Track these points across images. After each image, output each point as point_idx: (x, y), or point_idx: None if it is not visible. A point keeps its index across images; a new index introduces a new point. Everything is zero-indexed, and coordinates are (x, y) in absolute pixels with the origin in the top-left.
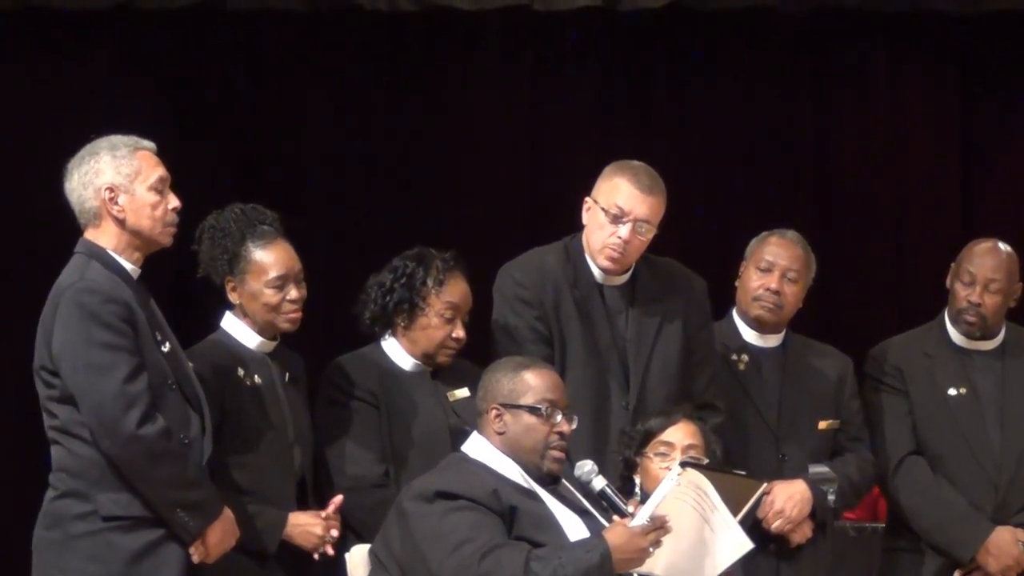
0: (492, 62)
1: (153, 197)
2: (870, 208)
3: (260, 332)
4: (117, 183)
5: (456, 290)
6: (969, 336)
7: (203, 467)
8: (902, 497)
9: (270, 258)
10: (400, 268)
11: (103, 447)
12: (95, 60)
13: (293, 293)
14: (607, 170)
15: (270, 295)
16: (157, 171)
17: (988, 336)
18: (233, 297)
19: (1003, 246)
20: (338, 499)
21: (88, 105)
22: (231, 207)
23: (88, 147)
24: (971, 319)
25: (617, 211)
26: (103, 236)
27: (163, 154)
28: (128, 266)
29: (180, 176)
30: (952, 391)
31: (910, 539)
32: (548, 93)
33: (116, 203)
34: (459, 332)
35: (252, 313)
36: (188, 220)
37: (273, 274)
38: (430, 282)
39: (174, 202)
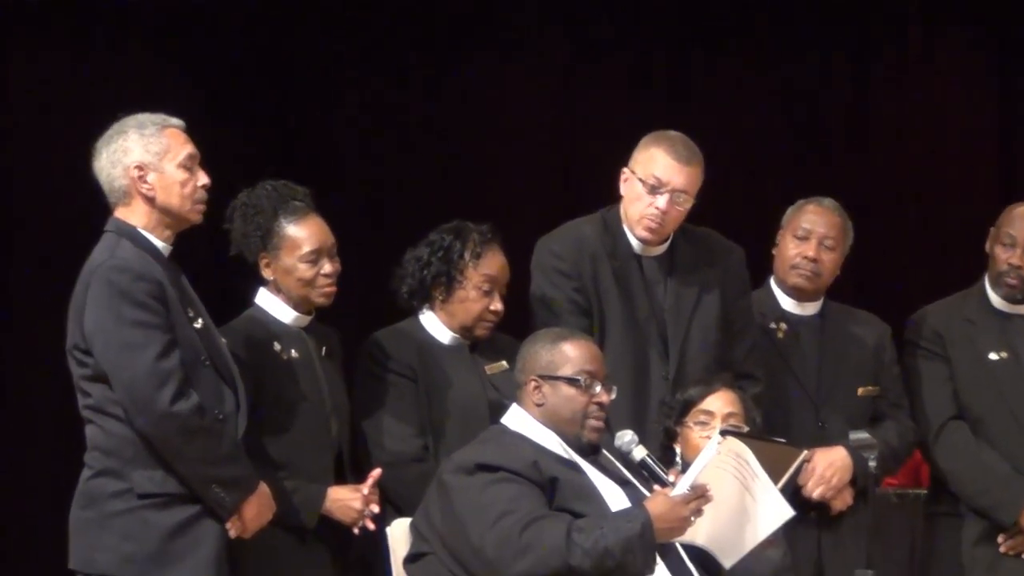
0: (527, 32)
1: (182, 175)
2: (907, 176)
3: (295, 307)
4: (146, 161)
5: (493, 263)
6: (1010, 300)
7: (238, 443)
8: (944, 462)
9: (303, 233)
10: (437, 242)
11: (137, 425)
12: (123, 39)
13: (327, 267)
14: (644, 140)
15: (304, 269)
16: (186, 148)
17: None
18: (267, 273)
19: None
20: (376, 472)
21: (117, 84)
22: (262, 184)
23: (116, 126)
24: (1012, 282)
25: (655, 181)
26: (133, 214)
27: (192, 131)
28: (159, 244)
29: (210, 153)
30: (993, 355)
31: (952, 504)
32: (583, 64)
33: (145, 181)
34: (497, 305)
35: (287, 288)
36: (220, 197)
37: (307, 248)
38: (467, 255)
39: (203, 179)
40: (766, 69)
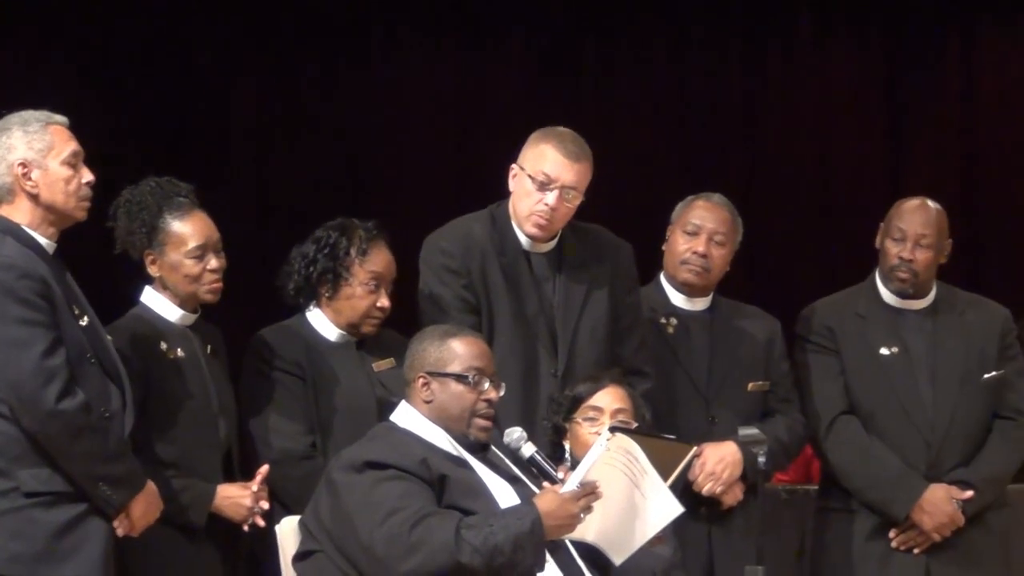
0: (421, 23)
1: (66, 172)
2: (797, 170)
3: (181, 305)
4: (30, 158)
5: (380, 259)
6: (901, 294)
7: (124, 440)
8: (835, 457)
9: (188, 228)
10: (323, 238)
11: (23, 423)
12: (7, 34)
13: (213, 263)
14: (533, 136)
15: (190, 265)
16: (70, 145)
17: (919, 295)
18: (153, 270)
19: (932, 203)
20: (264, 469)
21: (1, 80)
22: (146, 180)
23: None
24: (903, 275)
25: (544, 178)
26: (17, 212)
27: (77, 128)
28: (43, 241)
29: (95, 150)
30: (884, 350)
31: (843, 499)
32: (476, 59)
33: (29, 178)
34: (384, 301)
35: (173, 285)
36: (105, 195)
37: (192, 244)
38: (353, 251)
39: (88, 176)
40: (657, 62)
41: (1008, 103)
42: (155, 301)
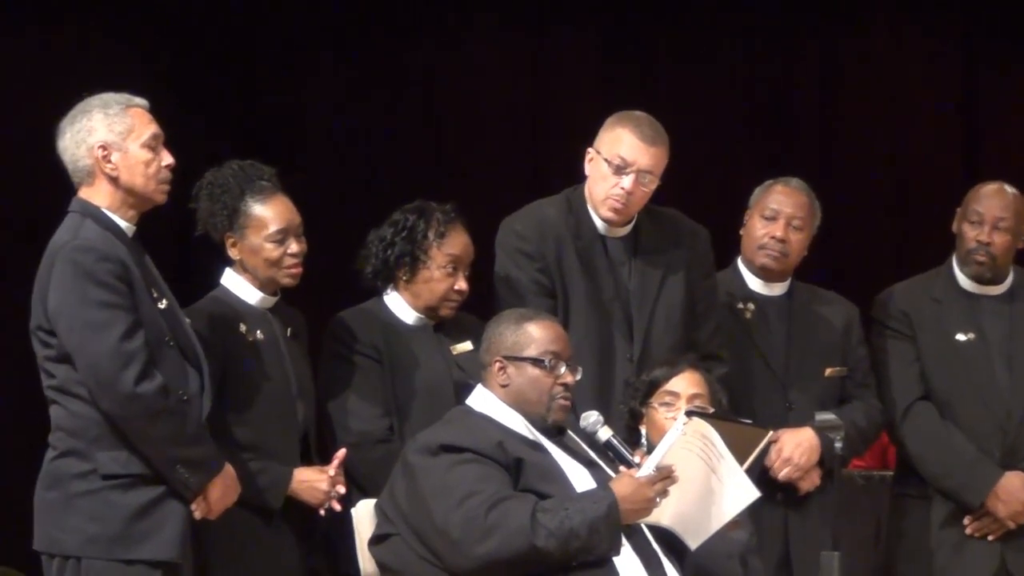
0: (494, 13)
1: (146, 155)
2: (873, 156)
3: (261, 288)
4: (110, 141)
5: (457, 242)
6: (978, 279)
7: (202, 423)
8: (910, 443)
9: (269, 212)
10: (401, 221)
11: (101, 405)
12: (86, 20)
13: (293, 247)
14: (610, 120)
15: (270, 249)
16: (150, 128)
17: (997, 280)
18: (233, 253)
19: (1009, 187)
20: (341, 453)
21: (80, 65)
22: (228, 163)
23: (80, 105)
24: (981, 259)
25: (620, 162)
26: (97, 194)
27: (156, 112)
28: (123, 224)
29: (174, 134)
30: (960, 336)
31: (919, 486)
32: (550, 44)
33: (109, 161)
34: (461, 284)
35: (253, 268)
36: (184, 178)
37: (273, 228)
38: (431, 235)
39: (168, 159)
40: (732, 49)
41: None
42: (235, 284)
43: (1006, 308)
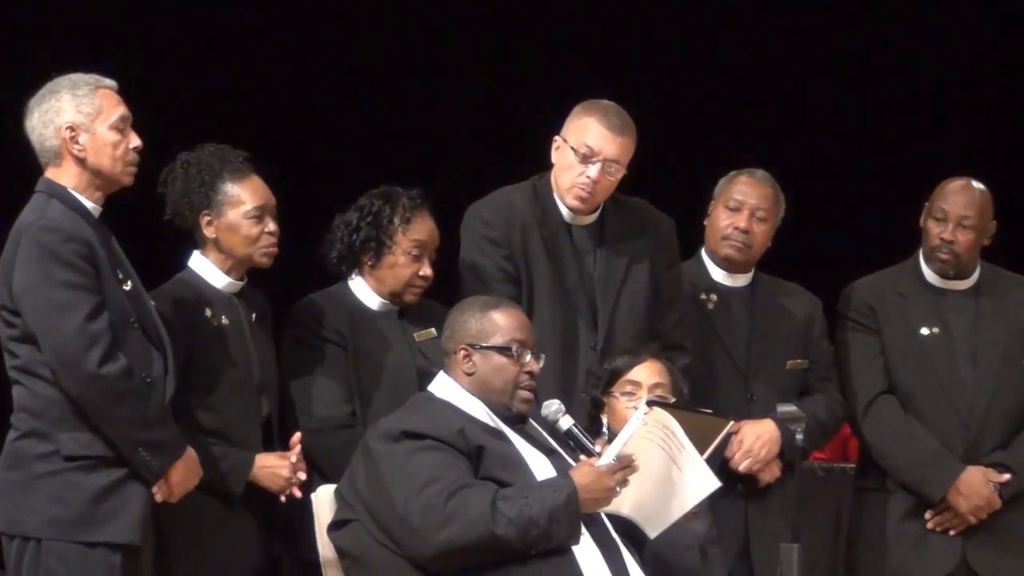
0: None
1: (114, 136)
2: (840, 148)
3: (228, 272)
4: (78, 122)
5: (422, 228)
6: (943, 275)
7: (166, 406)
8: (873, 436)
9: (247, 190)
10: (366, 207)
11: (64, 386)
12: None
13: (271, 226)
14: (577, 109)
15: (248, 226)
16: (118, 110)
17: (962, 275)
18: (209, 232)
19: (976, 184)
20: (296, 438)
21: (49, 43)
22: (203, 146)
23: (49, 85)
24: (944, 257)
25: (587, 151)
26: (64, 175)
27: (125, 93)
28: (89, 204)
29: (142, 116)
30: (924, 330)
31: (880, 479)
32: (520, 33)
33: (77, 142)
34: (426, 270)
35: (229, 247)
36: (151, 161)
37: (251, 205)
38: (396, 220)
39: (135, 141)
40: (700, 39)
41: None
42: (202, 266)
43: (971, 303)
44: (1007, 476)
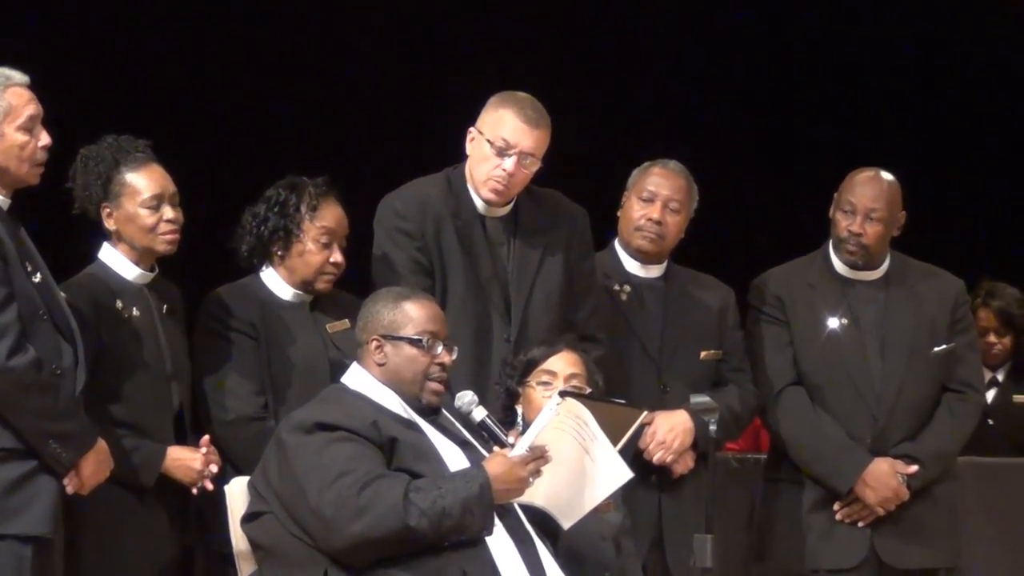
0: None
1: (22, 138)
2: (751, 139)
3: (138, 262)
4: None
5: (331, 214)
6: (851, 266)
7: (76, 398)
8: (781, 428)
9: (143, 179)
10: (273, 197)
11: None
12: None
13: (169, 213)
14: (492, 101)
15: (145, 216)
16: (28, 109)
17: (871, 266)
18: (109, 224)
19: (885, 175)
20: (205, 439)
21: None
22: (104, 138)
23: None
24: (852, 249)
25: (503, 144)
26: None
27: (35, 86)
28: None
29: (52, 107)
30: (833, 321)
31: (790, 470)
32: (438, 25)
33: None
34: (337, 257)
35: (129, 237)
36: (64, 154)
37: (147, 194)
38: (303, 208)
39: (44, 139)
40: (617, 34)
41: None
42: (112, 258)
43: (880, 294)
44: (915, 467)
